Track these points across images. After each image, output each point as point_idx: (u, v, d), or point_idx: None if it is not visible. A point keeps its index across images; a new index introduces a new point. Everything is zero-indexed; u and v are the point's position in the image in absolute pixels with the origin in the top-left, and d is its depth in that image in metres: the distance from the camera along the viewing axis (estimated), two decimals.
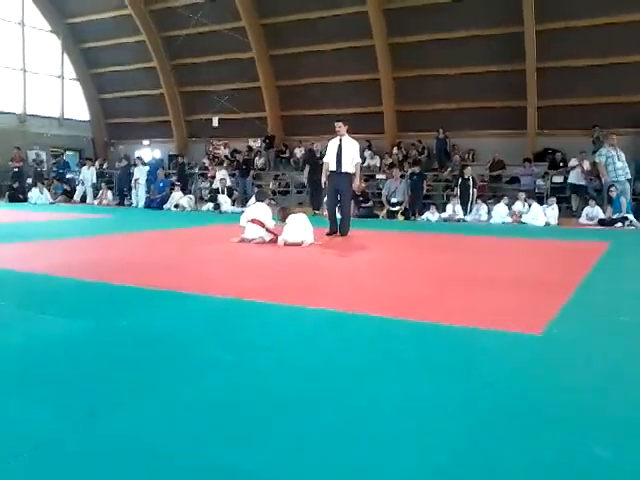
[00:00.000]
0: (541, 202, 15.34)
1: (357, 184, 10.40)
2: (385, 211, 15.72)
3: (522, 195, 15.20)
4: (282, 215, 9.27)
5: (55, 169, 23.39)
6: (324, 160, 10.53)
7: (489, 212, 15.34)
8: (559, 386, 3.04)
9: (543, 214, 14.60)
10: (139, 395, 2.75)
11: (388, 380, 3.01)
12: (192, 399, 2.71)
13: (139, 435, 2.31)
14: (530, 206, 14.81)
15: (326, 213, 11.07)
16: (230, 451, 2.20)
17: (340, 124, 10.17)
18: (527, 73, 18.02)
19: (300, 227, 8.86)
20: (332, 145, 10.19)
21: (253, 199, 10.43)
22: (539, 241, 11.04)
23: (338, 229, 10.25)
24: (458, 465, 2.14)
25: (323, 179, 10.44)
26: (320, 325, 4.18)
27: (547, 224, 14.36)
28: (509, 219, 14.92)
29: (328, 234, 10.08)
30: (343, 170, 10.01)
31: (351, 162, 10.07)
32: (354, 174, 10.20)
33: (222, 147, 23.30)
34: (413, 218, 15.82)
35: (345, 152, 10.00)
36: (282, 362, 3.29)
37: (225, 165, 20.78)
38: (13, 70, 24.33)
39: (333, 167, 10.07)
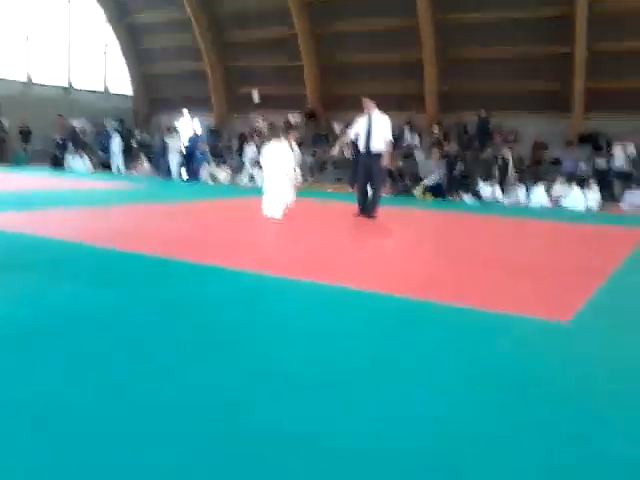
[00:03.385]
0: (583, 186, 14.93)
1: (386, 162, 9.82)
2: (421, 190, 15.51)
3: (562, 178, 14.85)
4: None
5: (97, 139, 23.68)
6: (347, 131, 10.13)
7: (528, 195, 15.02)
8: (579, 374, 2.99)
9: (583, 198, 14.24)
10: (172, 365, 2.79)
11: (408, 364, 3.00)
12: (223, 367, 2.74)
13: (171, 403, 2.34)
14: (570, 189, 14.46)
15: None
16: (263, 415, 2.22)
17: (366, 99, 9.71)
18: (576, 55, 17.47)
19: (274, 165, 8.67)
20: (361, 122, 9.74)
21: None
22: (577, 225, 10.80)
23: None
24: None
25: (345, 151, 9.94)
26: (352, 304, 4.17)
27: (588, 208, 14.02)
28: (548, 202, 14.61)
29: (357, 215, 9.70)
30: (373, 148, 9.52)
31: (382, 139, 9.54)
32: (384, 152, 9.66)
33: (260, 120, 23.24)
34: (450, 199, 15.60)
35: (375, 129, 9.49)
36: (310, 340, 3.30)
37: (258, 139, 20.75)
38: (60, 44, 24.64)
39: (362, 146, 9.64)
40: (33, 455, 1.90)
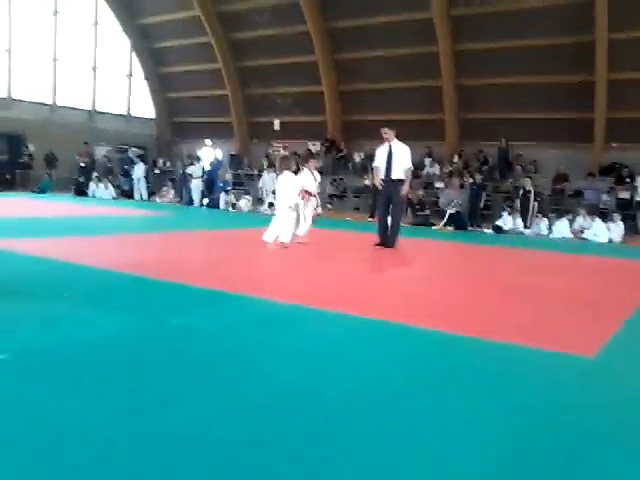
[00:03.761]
0: (605, 218, 14.80)
1: (406, 190, 9.79)
2: (442, 223, 15.44)
3: (583, 211, 14.74)
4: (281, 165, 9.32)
5: (120, 166, 24.00)
6: (374, 165, 10.19)
7: (550, 226, 14.91)
8: (604, 412, 2.93)
9: (606, 230, 14.11)
10: (188, 394, 2.78)
11: (430, 393, 2.96)
12: (241, 399, 2.72)
13: (185, 433, 2.34)
14: (593, 222, 14.34)
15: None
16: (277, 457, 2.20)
17: (386, 129, 9.75)
18: (597, 84, 17.45)
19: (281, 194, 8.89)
20: (381, 151, 9.78)
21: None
22: (600, 258, 10.68)
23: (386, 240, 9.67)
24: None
25: (376, 183, 10.13)
26: (369, 334, 4.14)
27: (610, 241, 13.88)
28: (570, 234, 14.49)
29: (377, 244, 9.72)
30: (393, 177, 9.56)
31: (402, 168, 9.58)
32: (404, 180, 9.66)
33: (281, 149, 23.47)
34: (471, 229, 15.55)
35: (395, 158, 9.56)
36: (328, 370, 3.28)
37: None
38: (85, 68, 25.18)
39: (382, 174, 9.67)
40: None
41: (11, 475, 1.99)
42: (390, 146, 9.66)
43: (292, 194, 8.97)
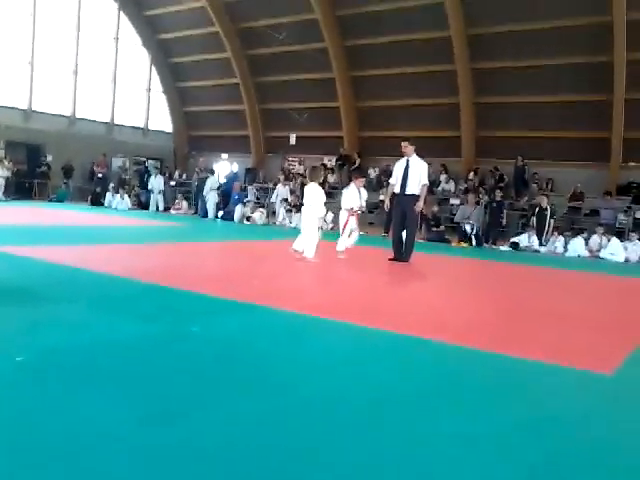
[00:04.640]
0: (622, 238, 14.69)
1: (420, 205, 9.70)
2: (457, 241, 15.42)
3: (600, 229, 14.65)
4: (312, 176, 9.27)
5: (137, 177, 24.24)
6: (390, 181, 10.24)
7: (565, 245, 14.82)
8: (624, 429, 2.90)
9: (623, 249, 14.00)
10: (201, 404, 2.79)
11: (448, 409, 2.95)
12: (255, 411, 2.73)
13: (198, 443, 2.34)
14: (609, 241, 14.23)
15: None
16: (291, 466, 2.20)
17: (406, 143, 9.75)
18: (614, 103, 17.41)
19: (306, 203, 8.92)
20: (399, 166, 9.78)
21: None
22: (617, 278, 10.60)
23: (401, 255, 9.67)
24: None
25: (386, 202, 10.28)
26: (384, 347, 4.13)
27: (627, 260, 13.76)
28: (586, 253, 14.39)
29: (391, 259, 9.70)
30: (408, 192, 9.52)
31: (417, 183, 9.54)
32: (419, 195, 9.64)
33: (297, 164, 23.60)
34: (486, 246, 15.49)
35: (412, 173, 9.53)
36: (340, 381, 3.27)
37: (295, 181, 21.05)
38: (104, 81, 25.53)
39: (398, 189, 9.65)
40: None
41: (27, 476, 2.00)
42: (408, 161, 9.68)
43: (317, 205, 8.94)
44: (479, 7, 18.85)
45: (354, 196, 10.01)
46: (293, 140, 24.32)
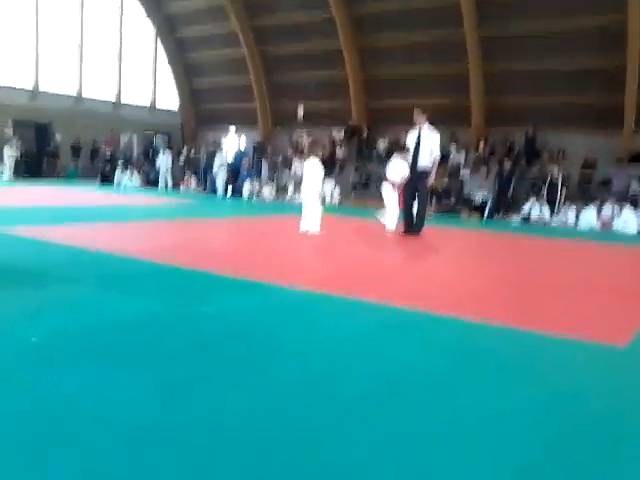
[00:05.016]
0: (635, 207, 14.48)
1: (431, 180, 9.56)
2: (468, 213, 15.30)
3: (612, 199, 14.45)
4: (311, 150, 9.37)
5: (145, 154, 24.18)
6: (407, 147, 10.01)
7: (577, 216, 14.65)
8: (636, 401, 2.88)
9: (636, 220, 13.81)
10: (210, 379, 2.79)
11: (461, 386, 2.93)
12: (262, 387, 2.72)
13: (207, 419, 2.34)
14: (621, 210, 14.04)
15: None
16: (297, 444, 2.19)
17: (418, 111, 9.43)
18: (628, 68, 17.03)
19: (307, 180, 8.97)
20: (411, 137, 9.52)
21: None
22: (630, 248, 10.49)
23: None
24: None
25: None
26: (395, 322, 4.11)
27: None
28: (598, 224, 14.22)
29: (404, 232, 9.60)
30: (420, 165, 9.33)
31: (429, 155, 9.33)
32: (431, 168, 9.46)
33: (304, 136, 23.40)
34: (497, 217, 15.36)
35: (423, 144, 9.28)
36: (352, 357, 3.26)
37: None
38: (110, 59, 25.35)
39: (410, 161, 9.45)
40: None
41: (39, 459, 2.01)
42: (420, 130, 9.42)
43: (316, 179, 8.90)
44: None
45: (401, 167, 9.69)
46: (301, 112, 24.10)
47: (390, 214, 9.49)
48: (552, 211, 14.89)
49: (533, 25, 18.25)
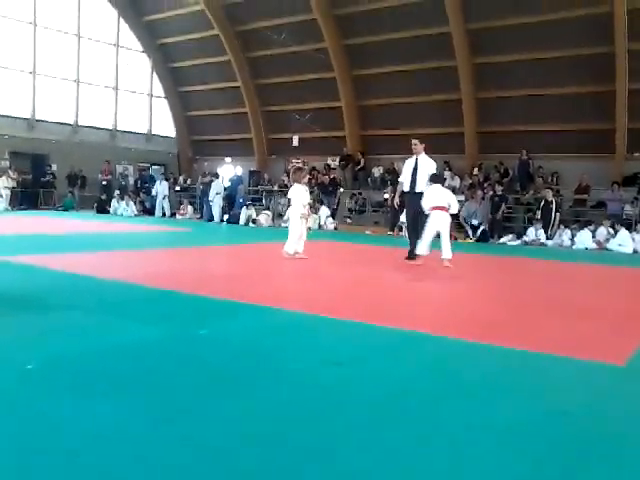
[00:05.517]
0: (629, 229, 14.60)
1: None
2: (463, 237, 15.38)
3: (607, 222, 14.57)
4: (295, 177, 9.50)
5: (140, 183, 24.25)
6: (399, 179, 10.28)
7: (572, 237, 14.76)
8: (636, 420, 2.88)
9: (631, 240, 13.92)
10: (207, 402, 2.79)
11: (460, 403, 2.93)
12: (258, 409, 2.72)
13: (206, 440, 2.34)
14: (616, 232, 14.16)
15: (401, 233, 10.84)
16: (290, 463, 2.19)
17: (416, 142, 9.76)
18: (617, 94, 17.31)
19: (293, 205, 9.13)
20: (408, 164, 9.79)
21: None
22: (626, 269, 10.54)
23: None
24: None
25: (396, 199, 10.33)
26: (390, 344, 4.12)
27: (636, 251, 13.69)
28: (593, 245, 14.32)
29: (408, 258, 9.68)
30: (417, 190, 9.54)
31: (426, 182, 9.55)
32: None
33: (300, 164, 23.57)
34: (492, 241, 15.45)
35: (421, 171, 9.56)
36: (349, 379, 3.26)
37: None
38: (106, 88, 25.58)
39: (407, 187, 9.68)
40: None
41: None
42: (417, 159, 9.69)
43: (299, 204, 9.24)
44: (478, 1, 18.79)
45: (442, 194, 9.29)
46: (296, 142, 24.30)
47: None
48: (547, 234, 15.01)
49: (524, 54, 18.55)
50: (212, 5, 23.54)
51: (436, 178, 9.56)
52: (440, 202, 8.96)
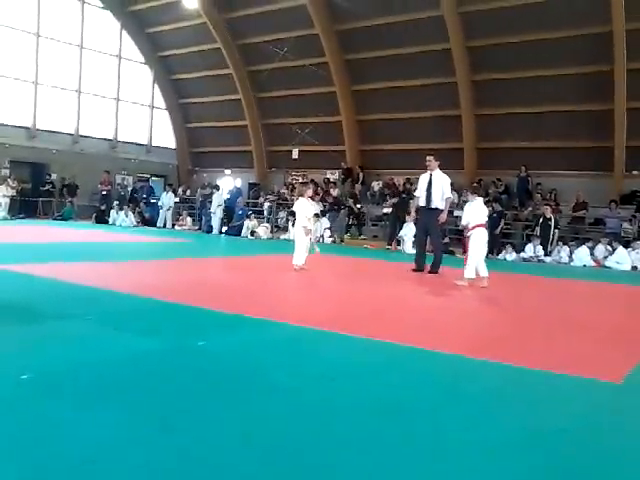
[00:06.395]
0: (627, 247, 14.63)
1: (443, 218, 10.09)
2: (462, 253, 15.38)
3: (605, 240, 14.61)
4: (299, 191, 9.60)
5: (139, 194, 24.25)
6: (415, 194, 10.54)
7: (570, 254, 14.78)
8: (633, 436, 2.88)
9: (629, 258, 13.94)
10: (204, 414, 2.78)
11: (456, 419, 2.93)
12: (254, 423, 2.71)
13: (202, 452, 2.33)
14: (614, 250, 14.19)
15: (399, 247, 10.98)
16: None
17: (430, 158, 10.11)
18: (616, 113, 17.41)
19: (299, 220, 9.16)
20: (422, 180, 10.11)
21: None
22: (623, 286, 10.55)
23: (427, 265, 10.04)
24: None
25: (412, 214, 10.56)
26: (386, 358, 4.12)
27: (634, 268, 13.71)
28: (592, 262, 14.33)
29: (414, 270, 9.84)
30: (432, 205, 9.88)
31: (441, 197, 9.90)
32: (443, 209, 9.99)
33: (300, 178, 23.64)
34: (491, 257, 15.44)
35: (435, 187, 9.86)
36: (344, 394, 3.26)
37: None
38: (107, 99, 25.66)
39: (423, 202, 9.98)
40: None
41: None
42: (431, 175, 9.92)
43: (302, 217, 9.32)
44: (478, 19, 18.93)
45: (483, 210, 8.88)
46: (295, 155, 24.38)
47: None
48: (545, 250, 15.03)
49: (524, 71, 18.66)
50: (214, 18, 23.69)
51: (477, 190, 9.22)
52: (483, 219, 8.54)
